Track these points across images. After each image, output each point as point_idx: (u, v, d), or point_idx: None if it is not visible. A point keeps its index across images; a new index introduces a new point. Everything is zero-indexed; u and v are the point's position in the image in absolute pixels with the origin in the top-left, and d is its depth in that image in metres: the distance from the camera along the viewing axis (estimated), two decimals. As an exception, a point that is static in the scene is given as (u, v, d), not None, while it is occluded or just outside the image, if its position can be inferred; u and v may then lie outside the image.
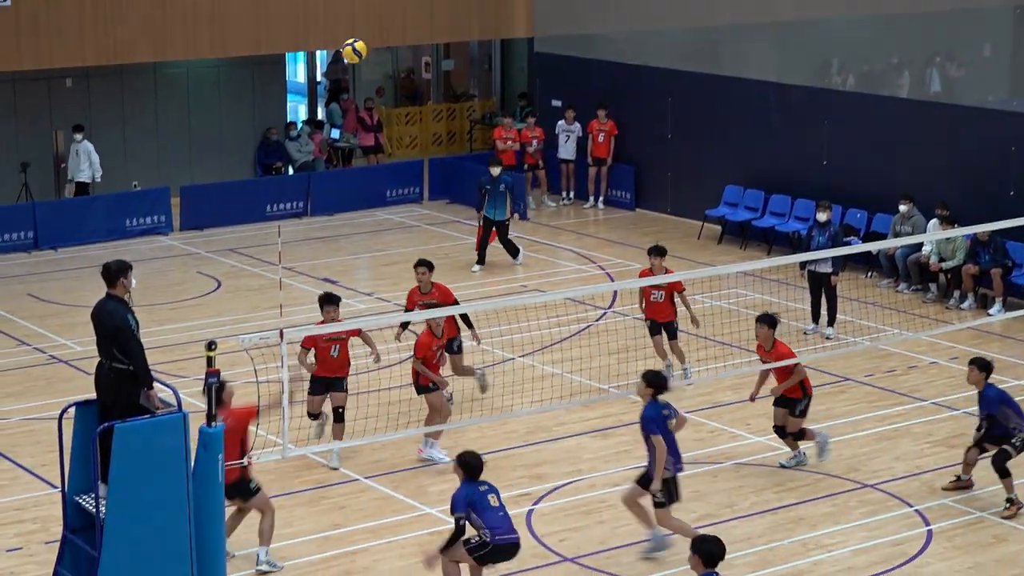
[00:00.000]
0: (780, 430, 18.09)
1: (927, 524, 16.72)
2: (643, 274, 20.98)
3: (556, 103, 33.60)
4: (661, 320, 20.69)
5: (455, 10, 34.13)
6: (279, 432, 14.68)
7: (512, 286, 25.98)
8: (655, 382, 15.76)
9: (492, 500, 14.22)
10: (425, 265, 19.98)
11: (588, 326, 23.68)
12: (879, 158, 27.49)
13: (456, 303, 19.59)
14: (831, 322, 23.37)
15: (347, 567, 15.70)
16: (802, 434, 18.08)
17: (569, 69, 33.96)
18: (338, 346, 17.95)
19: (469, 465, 14.27)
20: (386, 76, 38.46)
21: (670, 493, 15.56)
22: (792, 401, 17.85)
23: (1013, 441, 16.95)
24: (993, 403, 17.04)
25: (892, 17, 36.32)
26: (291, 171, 33.49)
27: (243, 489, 15.38)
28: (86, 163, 29.91)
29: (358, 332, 18.34)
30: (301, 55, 38.30)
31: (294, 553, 15.97)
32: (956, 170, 26.24)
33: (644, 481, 15.70)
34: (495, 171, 27.20)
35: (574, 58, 33.94)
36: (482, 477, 14.27)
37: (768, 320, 17.92)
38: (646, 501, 15.71)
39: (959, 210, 24.69)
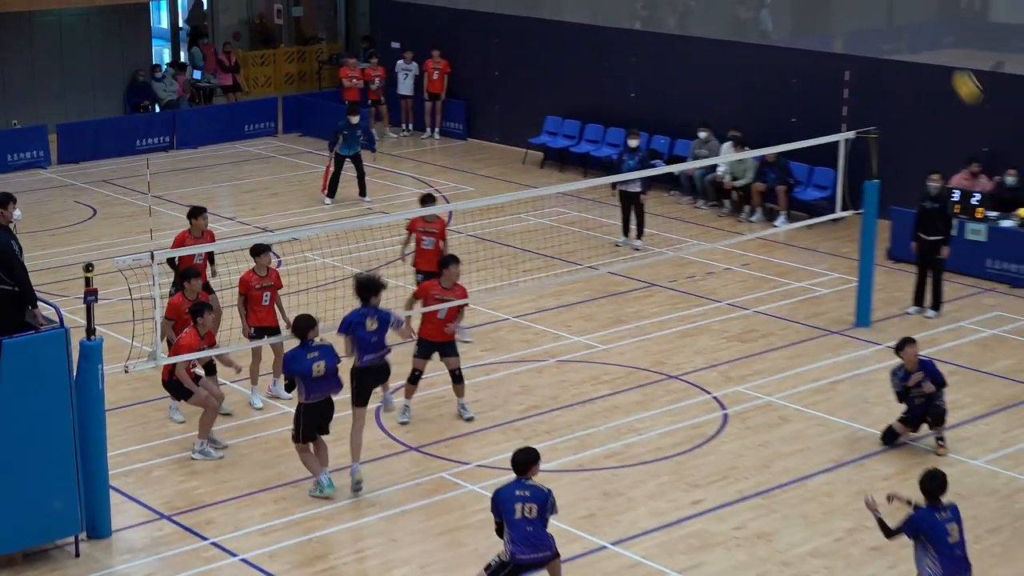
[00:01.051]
0: None
1: (723, 408, 17.09)
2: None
3: (395, 45, 33.46)
4: None
5: (303, -39, 33.94)
6: (152, 342, 14.62)
7: (360, 209, 25.96)
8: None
9: None
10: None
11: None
12: (680, 91, 27.79)
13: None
14: (640, 235, 23.62)
15: (217, 462, 15.61)
16: None
17: (407, 14, 33.81)
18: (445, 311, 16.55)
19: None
20: (242, 21, 37.96)
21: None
22: None
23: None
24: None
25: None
26: (157, 109, 33.05)
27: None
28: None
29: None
30: (164, 3, 37.70)
31: (170, 450, 15.89)
32: (746, 100, 26.61)
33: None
34: (354, 120, 26.60)
35: (411, 4, 33.78)
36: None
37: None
38: None
39: (749, 135, 25.06)
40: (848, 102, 21.07)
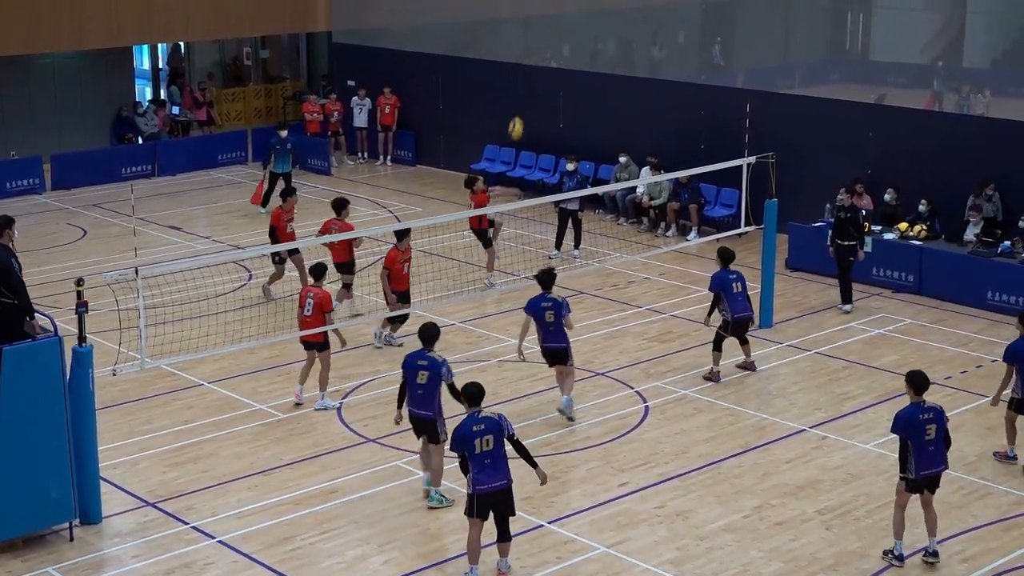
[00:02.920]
0: None
1: (644, 401, 17.08)
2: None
3: (351, 83, 33.30)
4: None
5: (270, 9, 33.75)
6: (138, 348, 14.42)
7: (316, 227, 25.73)
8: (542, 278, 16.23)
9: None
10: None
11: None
12: (602, 121, 27.80)
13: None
14: (576, 246, 23.72)
15: (196, 453, 15.53)
16: None
17: (361, 55, 33.67)
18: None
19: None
20: (215, 63, 37.65)
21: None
22: None
23: (722, 320, 17.47)
24: (714, 282, 17.62)
25: (611, 11, 36.71)
26: (140, 141, 32.72)
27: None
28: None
29: None
30: (146, 47, 37.37)
31: (154, 444, 15.75)
32: (661, 130, 26.65)
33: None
34: (283, 133, 27.12)
35: (365, 47, 33.66)
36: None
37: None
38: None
39: (664, 160, 25.09)
40: (749, 131, 21.08)
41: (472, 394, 12.30)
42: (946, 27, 42.91)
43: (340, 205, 19.94)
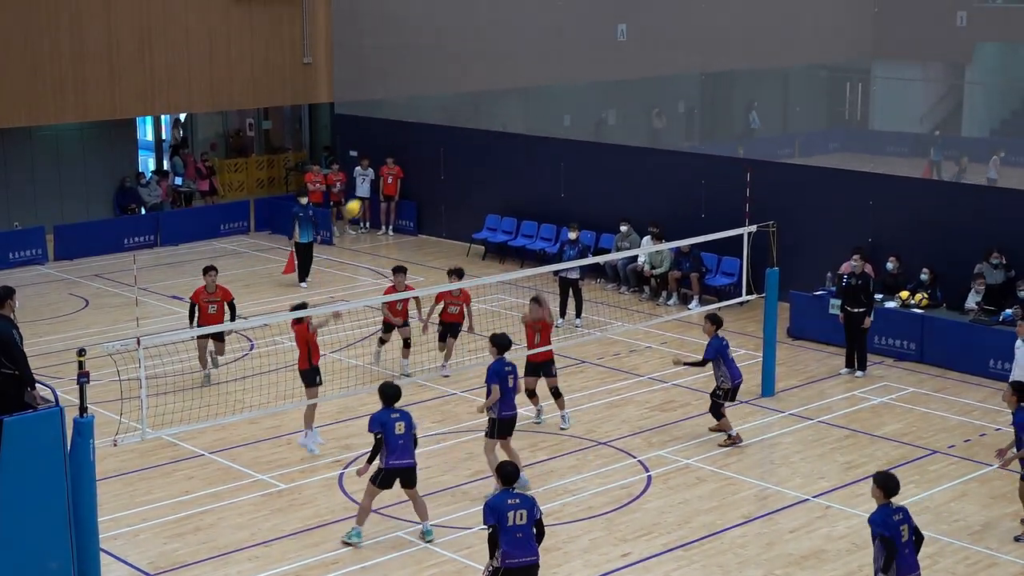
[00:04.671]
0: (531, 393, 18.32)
1: (647, 471, 17.00)
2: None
3: (353, 153, 33.48)
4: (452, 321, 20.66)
5: (272, 81, 34.01)
6: (139, 418, 14.38)
7: (323, 298, 25.80)
8: (499, 343, 16.09)
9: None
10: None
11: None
12: (604, 190, 27.88)
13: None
14: (578, 314, 23.74)
15: (196, 524, 15.44)
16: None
17: (363, 126, 33.87)
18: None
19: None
20: (218, 134, 37.89)
21: (492, 431, 16.02)
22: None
23: (716, 391, 17.46)
24: (710, 349, 17.62)
25: (611, 82, 36.98)
26: (143, 211, 32.84)
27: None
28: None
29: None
30: (149, 118, 37.59)
31: (154, 515, 15.67)
32: (662, 198, 26.74)
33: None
34: (304, 201, 27.22)
35: (366, 117, 33.87)
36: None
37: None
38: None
39: (665, 229, 25.15)
40: (750, 200, 21.15)
41: (508, 473, 12.20)
42: (945, 97, 43.29)
43: (396, 270, 20.62)
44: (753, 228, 19.90)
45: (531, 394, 18.27)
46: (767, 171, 24.98)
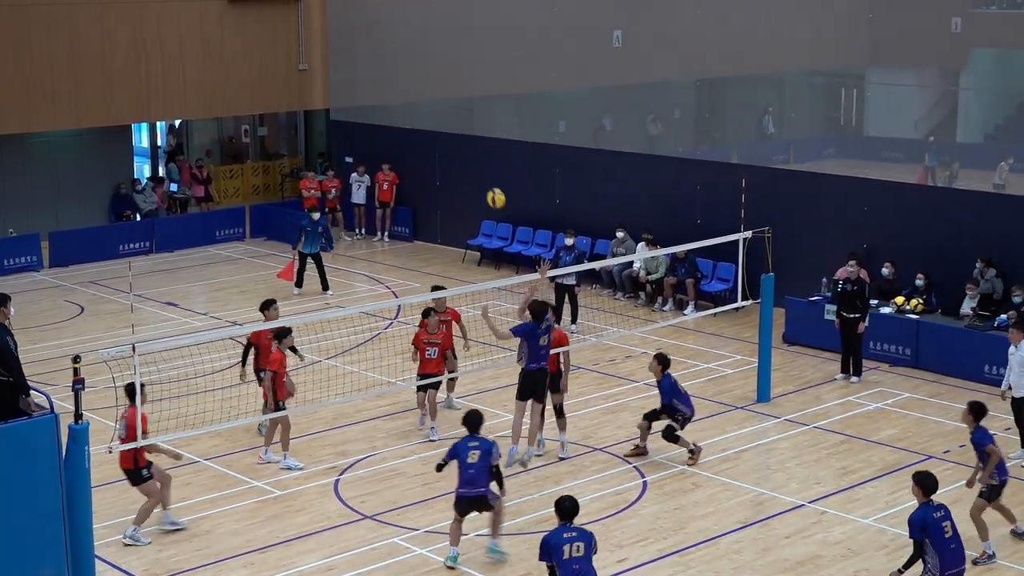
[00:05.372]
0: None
1: (642, 476, 16.99)
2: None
3: (349, 159, 33.50)
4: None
5: (267, 88, 34.01)
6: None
7: (319, 304, 25.80)
8: (535, 309, 16.37)
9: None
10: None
11: (378, 333, 23.63)
12: (599, 196, 27.91)
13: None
14: (574, 320, 23.73)
15: (192, 531, 15.42)
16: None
17: (359, 133, 33.89)
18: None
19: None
20: (213, 140, 37.89)
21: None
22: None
23: (677, 417, 17.26)
24: (665, 394, 17.28)
25: (607, 88, 36.99)
26: (138, 218, 32.84)
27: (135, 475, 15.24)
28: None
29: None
30: (144, 125, 37.58)
31: (150, 522, 15.62)
32: (658, 204, 26.76)
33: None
34: (315, 216, 27.11)
35: (362, 124, 33.89)
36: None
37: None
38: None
39: (660, 235, 25.16)
40: (745, 206, 21.18)
41: (565, 510, 12.16)
42: (939, 103, 43.31)
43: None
44: (748, 234, 19.91)
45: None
46: (762, 177, 25.02)
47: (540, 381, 16.45)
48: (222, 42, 32.88)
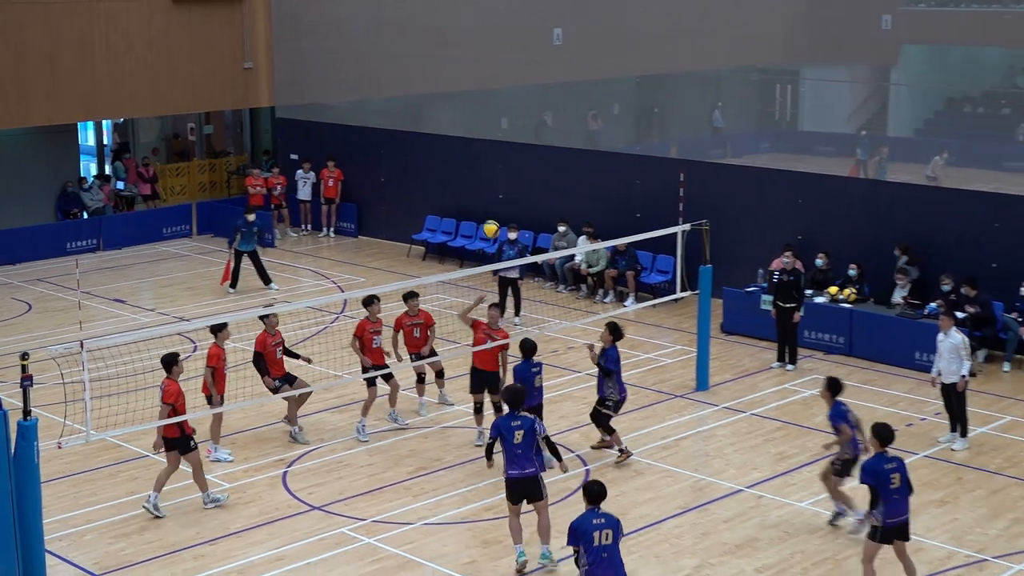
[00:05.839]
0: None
1: (585, 465, 17.06)
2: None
3: (294, 156, 33.38)
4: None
5: (213, 86, 33.75)
6: (83, 421, 14.26)
7: (264, 299, 25.70)
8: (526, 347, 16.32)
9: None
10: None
11: (325, 327, 23.58)
12: (541, 191, 27.97)
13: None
14: (517, 313, 23.75)
15: (142, 524, 15.34)
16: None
17: (304, 130, 33.78)
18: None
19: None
20: (159, 138, 37.65)
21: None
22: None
23: (605, 400, 16.96)
24: (612, 361, 16.85)
25: (548, 85, 37.09)
26: (85, 216, 32.56)
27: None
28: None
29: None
30: (90, 124, 37.26)
31: (100, 516, 15.54)
32: (598, 199, 26.86)
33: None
34: (251, 217, 26.87)
35: (307, 122, 33.77)
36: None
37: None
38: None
39: (601, 229, 25.28)
40: (683, 199, 21.33)
41: (594, 494, 11.99)
42: (870, 98, 43.77)
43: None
44: (687, 227, 20.04)
45: (477, 410, 17.72)
46: (700, 171, 25.18)
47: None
48: (168, 41, 32.62)
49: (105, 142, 37.57)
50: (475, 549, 14.56)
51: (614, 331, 16.94)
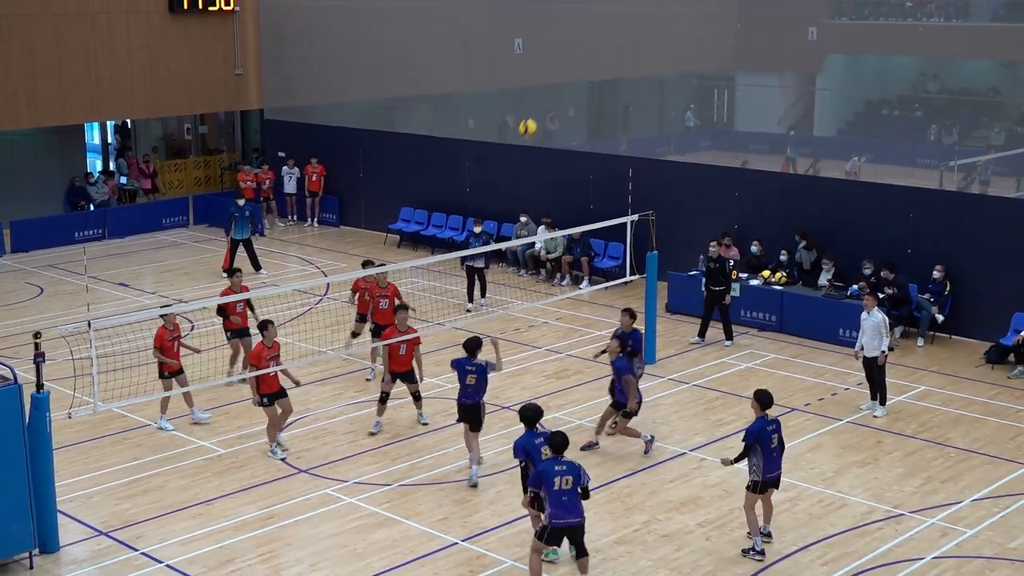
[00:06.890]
0: None
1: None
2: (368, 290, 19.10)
3: (281, 154, 33.15)
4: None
5: (207, 90, 33.50)
6: (91, 393, 14.14)
7: (255, 283, 25.53)
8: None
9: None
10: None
11: (309, 308, 23.46)
12: (504, 185, 27.90)
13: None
14: (483, 295, 23.65)
15: (145, 487, 15.24)
16: None
17: (290, 130, 33.55)
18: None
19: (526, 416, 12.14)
20: (159, 138, 37.32)
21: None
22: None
23: (626, 413, 16.42)
24: (637, 342, 16.83)
25: (510, 89, 37.01)
26: (92, 207, 32.25)
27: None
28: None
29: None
30: (95, 124, 36.91)
31: (106, 479, 15.43)
32: (556, 192, 26.82)
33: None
34: (240, 202, 26.73)
35: (292, 122, 33.56)
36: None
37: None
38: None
39: (559, 219, 25.24)
40: (632, 192, 21.33)
41: (557, 444, 11.90)
42: (798, 101, 43.92)
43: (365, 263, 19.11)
44: (635, 217, 20.03)
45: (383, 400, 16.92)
46: (647, 167, 25.17)
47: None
48: (166, 50, 32.37)
49: (109, 141, 37.20)
50: (447, 507, 14.53)
51: (632, 315, 16.82)
